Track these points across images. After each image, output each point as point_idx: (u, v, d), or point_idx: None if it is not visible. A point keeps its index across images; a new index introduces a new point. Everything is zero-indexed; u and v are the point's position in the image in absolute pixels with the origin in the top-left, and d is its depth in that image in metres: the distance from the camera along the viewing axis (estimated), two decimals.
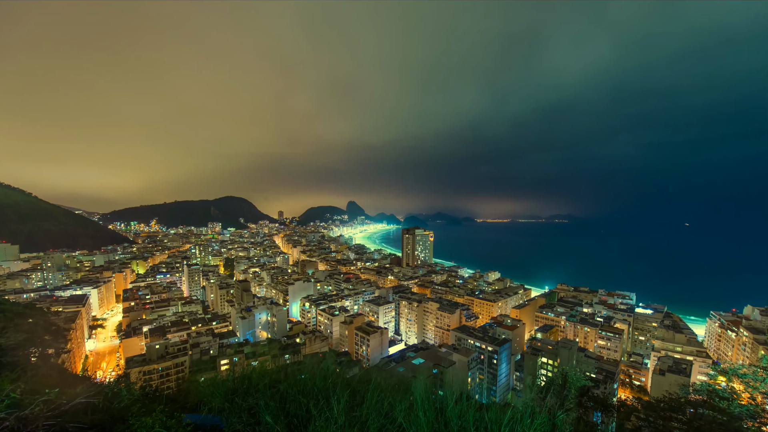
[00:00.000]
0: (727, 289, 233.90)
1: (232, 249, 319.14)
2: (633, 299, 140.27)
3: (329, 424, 8.18)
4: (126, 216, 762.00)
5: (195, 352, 76.88)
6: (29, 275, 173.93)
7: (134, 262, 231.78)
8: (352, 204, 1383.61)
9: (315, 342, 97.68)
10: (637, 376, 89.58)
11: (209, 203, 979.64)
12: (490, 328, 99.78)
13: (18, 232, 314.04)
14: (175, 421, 7.56)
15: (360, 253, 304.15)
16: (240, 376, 12.00)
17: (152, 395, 11.45)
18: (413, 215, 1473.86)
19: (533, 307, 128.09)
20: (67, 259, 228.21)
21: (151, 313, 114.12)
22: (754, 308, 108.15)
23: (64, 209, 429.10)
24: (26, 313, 62.65)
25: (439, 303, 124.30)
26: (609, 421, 28.69)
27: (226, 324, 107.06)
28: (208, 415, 9.12)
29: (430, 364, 71.33)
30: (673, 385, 56.26)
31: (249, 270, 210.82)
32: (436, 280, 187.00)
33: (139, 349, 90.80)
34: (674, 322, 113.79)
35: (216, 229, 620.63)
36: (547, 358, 73.20)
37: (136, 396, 9.35)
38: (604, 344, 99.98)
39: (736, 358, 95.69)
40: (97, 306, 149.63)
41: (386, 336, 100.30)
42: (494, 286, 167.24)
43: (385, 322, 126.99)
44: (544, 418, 8.55)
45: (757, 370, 25.24)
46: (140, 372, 68.90)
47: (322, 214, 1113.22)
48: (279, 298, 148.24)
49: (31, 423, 6.48)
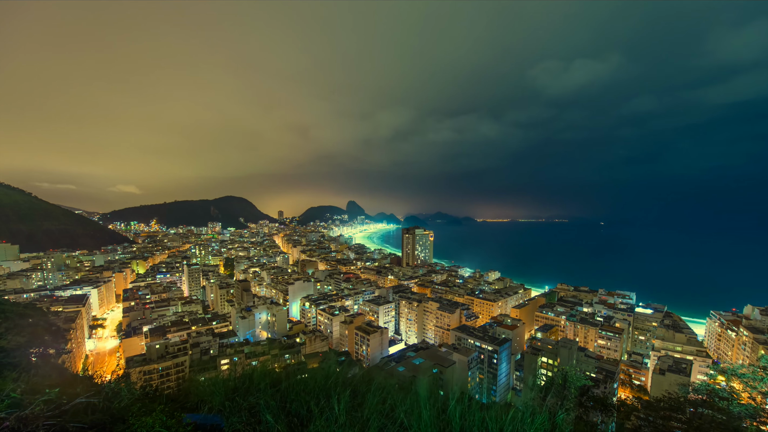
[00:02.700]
0: (727, 289, 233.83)
1: (232, 249, 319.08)
2: (633, 299, 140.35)
3: (330, 423, 8.18)
4: (126, 216, 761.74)
5: (195, 351, 76.87)
6: (29, 275, 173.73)
7: (134, 262, 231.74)
8: (352, 204, 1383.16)
9: (315, 342, 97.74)
10: (637, 376, 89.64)
11: (209, 203, 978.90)
12: (490, 327, 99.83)
13: (18, 232, 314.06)
14: (175, 421, 7.56)
15: (360, 253, 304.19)
16: (240, 375, 11.99)
17: (152, 395, 11.44)
18: (413, 215, 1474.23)
19: (533, 307, 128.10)
20: (67, 259, 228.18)
21: (151, 313, 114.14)
22: (754, 308, 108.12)
23: (64, 209, 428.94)
24: (26, 313, 62.59)
25: (439, 303, 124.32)
26: (609, 420, 28.71)
27: (226, 324, 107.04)
28: (208, 415, 9.11)
29: (431, 363, 71.33)
30: (672, 385, 56.27)
31: (249, 270, 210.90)
32: (436, 279, 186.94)
33: (139, 348, 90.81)
34: (674, 321, 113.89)
35: (216, 228, 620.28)
36: (547, 357, 73.21)
37: (136, 396, 9.34)
38: (604, 344, 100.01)
39: (736, 357, 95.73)
40: (97, 306, 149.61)
41: (386, 336, 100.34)
42: (494, 286, 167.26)
43: (385, 322, 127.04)
44: (545, 417, 8.55)
45: (757, 369, 25.23)
46: (140, 372, 68.89)
47: (322, 213, 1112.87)
48: (279, 297, 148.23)
49: (32, 423, 6.48)
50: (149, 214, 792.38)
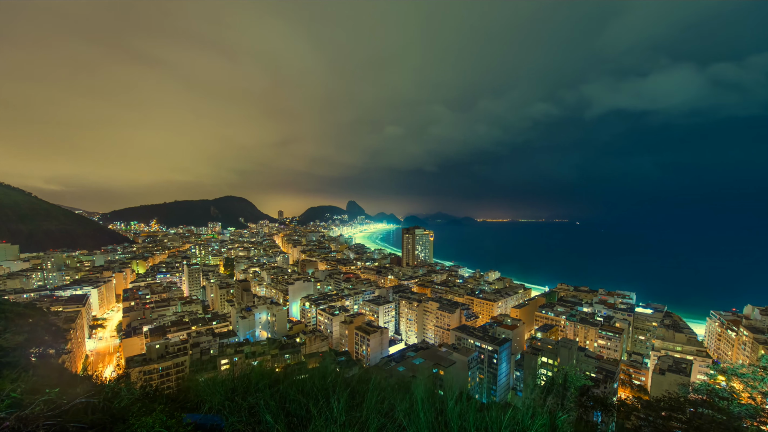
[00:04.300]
0: (727, 289, 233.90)
1: (232, 249, 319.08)
2: (633, 299, 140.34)
3: (329, 423, 8.18)
4: (126, 216, 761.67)
5: (195, 351, 76.92)
6: (29, 275, 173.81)
7: (134, 262, 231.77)
8: (352, 203, 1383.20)
9: (315, 342, 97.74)
10: (637, 376, 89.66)
11: (209, 203, 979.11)
12: (490, 327, 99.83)
13: (18, 232, 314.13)
14: (175, 421, 7.55)
15: (360, 253, 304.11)
16: (240, 375, 11.99)
17: (152, 395, 11.43)
18: (413, 215, 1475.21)
19: (533, 307, 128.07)
20: (67, 258, 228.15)
21: (151, 313, 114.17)
22: (754, 308, 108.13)
23: (64, 209, 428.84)
24: (26, 313, 62.56)
25: (439, 302, 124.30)
26: (609, 420, 28.71)
27: (226, 324, 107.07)
28: (208, 415, 9.10)
29: (430, 363, 71.37)
30: (672, 385, 56.37)
31: (249, 270, 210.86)
32: (436, 279, 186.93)
33: (139, 348, 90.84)
34: (674, 321, 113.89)
35: (216, 228, 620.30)
36: (547, 357, 73.22)
37: (136, 395, 9.34)
38: (604, 344, 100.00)
39: (736, 357, 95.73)
40: (97, 306, 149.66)
41: (386, 335, 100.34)
42: (494, 286, 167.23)
43: (385, 322, 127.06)
44: (545, 417, 8.54)
45: (757, 369, 25.23)
46: (140, 371, 68.97)
47: (322, 213, 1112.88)
48: (279, 297, 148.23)
49: (32, 423, 6.48)
50: (149, 214, 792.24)
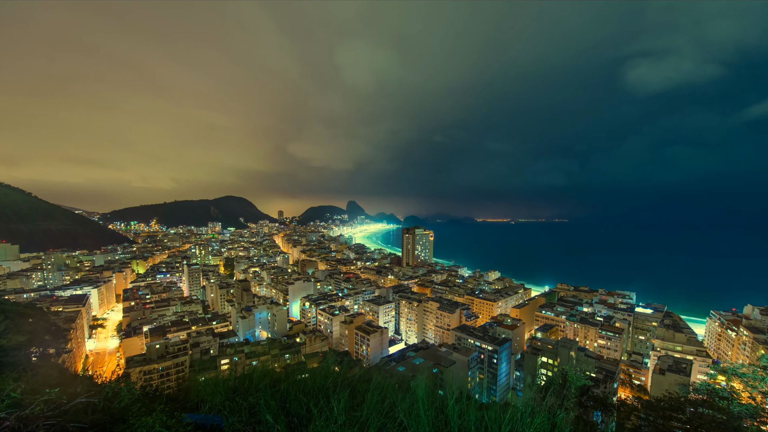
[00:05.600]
0: (727, 289, 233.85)
1: (232, 249, 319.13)
2: (633, 299, 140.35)
3: (329, 423, 8.17)
4: (126, 216, 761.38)
5: (195, 351, 76.98)
6: (29, 275, 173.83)
7: (134, 262, 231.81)
8: (352, 204, 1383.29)
9: (315, 342, 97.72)
10: (637, 376, 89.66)
11: (209, 203, 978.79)
12: (490, 327, 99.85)
13: (18, 232, 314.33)
14: (175, 421, 7.54)
15: (360, 253, 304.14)
16: (240, 375, 11.99)
17: (152, 395, 11.42)
18: (413, 215, 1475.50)
19: (533, 307, 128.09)
20: (67, 258, 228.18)
21: (151, 312, 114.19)
22: (754, 308, 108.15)
23: (64, 209, 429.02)
24: (27, 313, 62.65)
25: (439, 302, 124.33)
26: (609, 420, 28.71)
27: (226, 324, 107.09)
28: (208, 415, 9.09)
29: (430, 363, 71.37)
30: (673, 385, 56.31)
31: (249, 270, 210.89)
32: (436, 279, 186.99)
33: (139, 348, 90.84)
34: (674, 321, 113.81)
35: (216, 228, 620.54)
36: (547, 357, 73.24)
37: (136, 396, 9.32)
38: (604, 343, 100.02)
39: (736, 357, 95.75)
40: (97, 306, 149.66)
41: (386, 335, 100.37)
42: (494, 286, 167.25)
43: (385, 322, 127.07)
44: (544, 417, 8.54)
45: (757, 369, 25.21)
46: (140, 372, 68.93)
47: (322, 213, 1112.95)
48: (279, 297, 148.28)
49: (32, 423, 6.47)
50: (149, 214, 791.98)
